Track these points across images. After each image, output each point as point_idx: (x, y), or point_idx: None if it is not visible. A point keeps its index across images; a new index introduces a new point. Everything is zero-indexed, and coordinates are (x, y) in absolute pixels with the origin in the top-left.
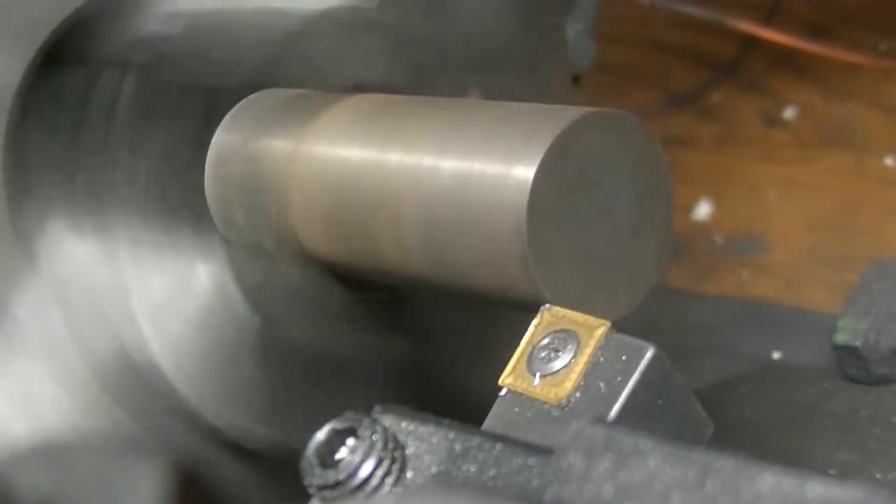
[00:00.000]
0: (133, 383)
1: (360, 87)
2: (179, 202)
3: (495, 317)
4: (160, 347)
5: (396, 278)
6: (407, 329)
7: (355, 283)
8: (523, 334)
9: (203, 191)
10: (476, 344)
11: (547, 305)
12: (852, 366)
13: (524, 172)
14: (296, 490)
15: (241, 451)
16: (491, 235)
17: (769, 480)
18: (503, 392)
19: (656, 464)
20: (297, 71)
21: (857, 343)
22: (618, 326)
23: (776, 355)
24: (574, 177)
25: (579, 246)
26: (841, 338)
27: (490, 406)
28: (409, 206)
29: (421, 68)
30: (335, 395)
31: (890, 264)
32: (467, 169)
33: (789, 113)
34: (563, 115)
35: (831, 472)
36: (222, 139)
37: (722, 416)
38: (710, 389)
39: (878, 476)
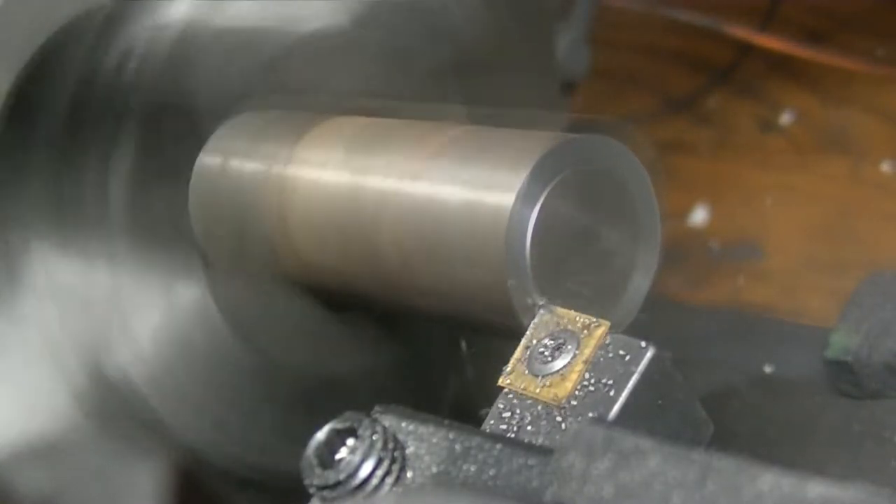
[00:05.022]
0: (108, 400)
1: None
2: (161, 222)
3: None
4: (137, 367)
5: (379, 301)
6: (390, 348)
7: (337, 305)
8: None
9: (185, 211)
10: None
11: (547, 306)
12: (844, 380)
13: (503, 200)
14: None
15: (220, 470)
16: (471, 263)
17: (769, 480)
18: (503, 392)
19: (656, 464)
20: (281, 94)
21: (849, 358)
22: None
23: (768, 369)
24: (556, 202)
25: (562, 271)
26: (833, 352)
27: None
28: (389, 232)
29: (408, 84)
30: (318, 415)
31: (882, 278)
32: (448, 195)
33: (786, 119)
34: (544, 142)
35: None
36: (206, 161)
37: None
38: (702, 403)
39: None
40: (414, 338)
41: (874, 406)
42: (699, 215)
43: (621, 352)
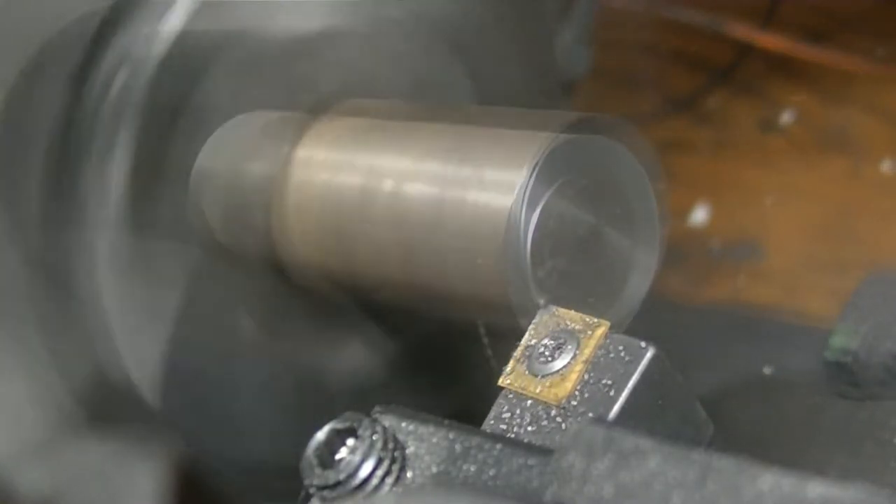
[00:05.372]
0: (110, 401)
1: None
2: (159, 221)
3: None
4: (135, 366)
5: (380, 301)
6: (392, 347)
7: (338, 304)
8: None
9: (184, 209)
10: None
11: (547, 306)
12: (844, 381)
13: (503, 200)
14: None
15: (230, 473)
16: (471, 263)
17: (769, 480)
18: (503, 392)
19: (656, 464)
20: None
21: (849, 359)
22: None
23: (768, 369)
24: (556, 202)
25: (562, 271)
26: (832, 354)
27: (490, 406)
28: (390, 231)
29: (422, 81)
30: (319, 415)
31: (882, 279)
32: (449, 195)
33: (786, 118)
34: (544, 142)
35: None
36: (204, 162)
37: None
38: (702, 403)
39: None
40: (416, 337)
41: (874, 407)
42: (699, 215)
43: (621, 352)
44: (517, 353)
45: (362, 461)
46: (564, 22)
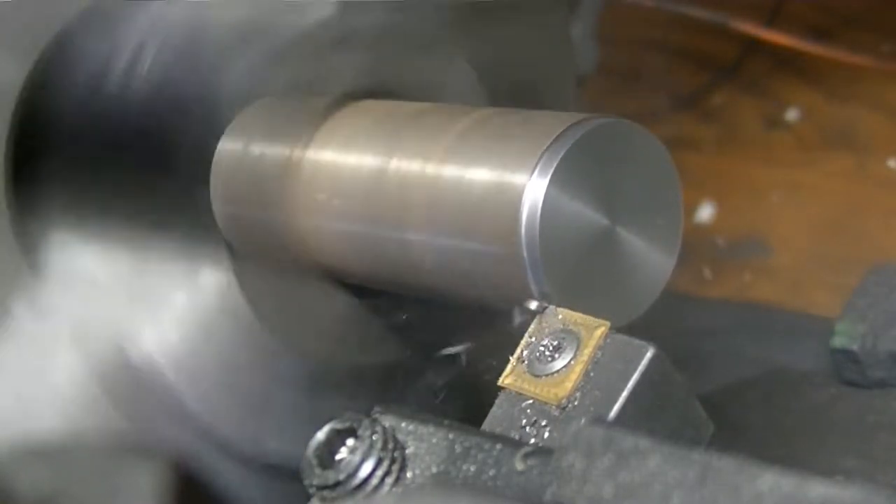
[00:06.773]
0: (134, 387)
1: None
2: (184, 209)
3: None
4: (162, 353)
5: (402, 285)
6: (410, 334)
7: (359, 290)
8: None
9: (207, 198)
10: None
11: (549, 306)
12: (850, 370)
13: (520, 181)
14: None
15: (242, 457)
16: (490, 244)
17: (769, 480)
18: (503, 392)
19: (656, 464)
20: (289, 84)
21: (855, 346)
22: (619, 328)
23: (779, 361)
24: (575, 185)
25: (572, 269)
26: (838, 342)
27: (490, 406)
28: (412, 213)
29: (412, 78)
30: (337, 402)
31: (887, 270)
32: (467, 177)
33: (791, 115)
34: (562, 124)
35: (837, 478)
36: (227, 147)
37: (725, 422)
38: (714, 395)
39: None
40: (440, 326)
41: (888, 397)
42: (705, 212)
43: (621, 352)
44: (517, 352)
45: (362, 461)
46: (572, 18)
